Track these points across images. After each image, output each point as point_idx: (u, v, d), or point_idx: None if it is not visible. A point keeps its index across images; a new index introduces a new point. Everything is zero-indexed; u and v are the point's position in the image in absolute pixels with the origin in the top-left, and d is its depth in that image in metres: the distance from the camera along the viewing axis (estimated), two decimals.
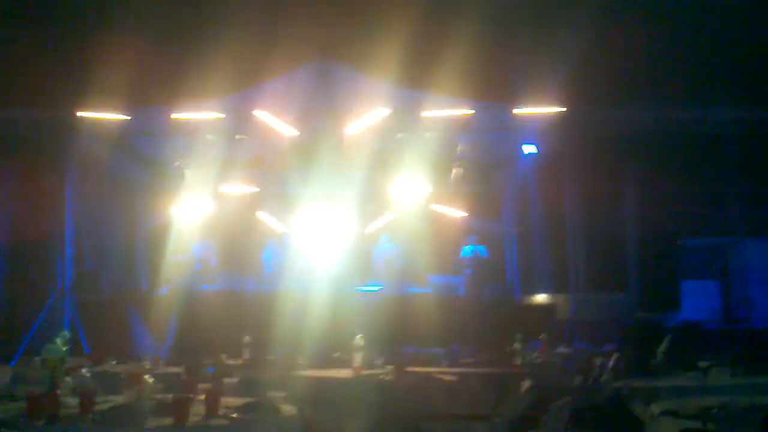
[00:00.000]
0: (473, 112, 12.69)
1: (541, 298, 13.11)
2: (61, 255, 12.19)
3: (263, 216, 14.90)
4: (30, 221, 11.79)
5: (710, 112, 12.39)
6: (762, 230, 13.20)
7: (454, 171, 14.08)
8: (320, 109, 13.27)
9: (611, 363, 8.42)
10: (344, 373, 8.09)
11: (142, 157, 13.99)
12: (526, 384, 7.70)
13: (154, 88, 12.04)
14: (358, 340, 8.07)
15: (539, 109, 12.54)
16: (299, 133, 13.39)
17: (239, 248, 14.32)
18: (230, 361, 8.94)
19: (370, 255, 14.24)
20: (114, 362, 8.39)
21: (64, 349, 5.30)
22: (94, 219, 12.81)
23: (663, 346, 8.95)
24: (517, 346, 8.76)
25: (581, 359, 8.98)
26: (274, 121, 13.22)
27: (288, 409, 5.67)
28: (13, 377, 7.59)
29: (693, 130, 12.49)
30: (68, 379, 5.60)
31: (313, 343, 9.33)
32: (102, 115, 12.34)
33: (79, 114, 12.17)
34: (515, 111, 12.62)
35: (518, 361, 8.63)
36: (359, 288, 13.00)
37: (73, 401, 5.37)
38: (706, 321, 12.19)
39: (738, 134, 12.44)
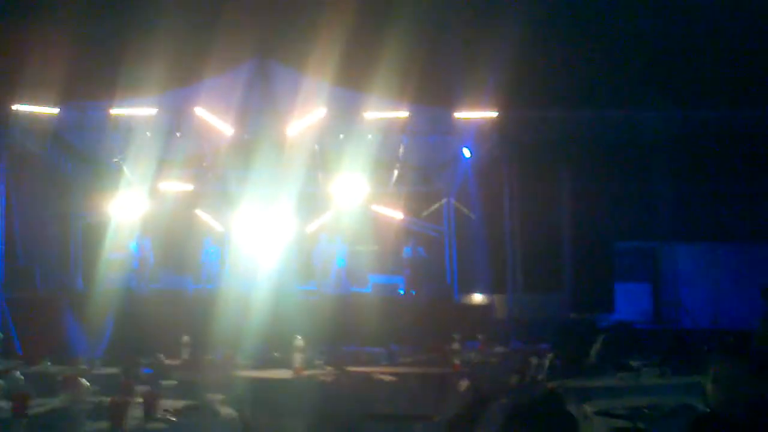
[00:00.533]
0: (412, 114, 12.84)
1: (479, 298, 13.32)
2: None
3: (202, 214, 14.76)
4: None
5: (642, 114, 12.74)
6: (692, 234, 13.62)
7: (394, 172, 14.20)
8: (259, 108, 13.26)
9: (546, 362, 8.58)
10: (284, 373, 8.08)
11: (79, 152, 13.73)
12: (464, 384, 7.81)
13: (92, 82, 11.85)
14: (298, 340, 8.06)
15: (476, 113, 12.76)
16: (238, 132, 13.33)
17: (177, 247, 14.15)
18: (168, 362, 8.84)
19: (310, 254, 14.25)
20: (48, 363, 8.20)
21: None
22: (27, 214, 12.49)
23: (596, 346, 9.16)
24: (455, 345, 8.88)
25: (517, 359, 9.14)
26: (213, 119, 13.13)
27: (227, 411, 5.63)
28: None
29: (626, 133, 12.83)
30: (0, 381, 5.45)
31: (253, 343, 9.29)
32: (37, 109, 12.10)
33: (13, 107, 11.91)
34: (455, 115, 12.81)
35: (457, 360, 8.74)
36: (299, 287, 13.00)
37: (5, 405, 5.23)
38: (637, 321, 12.55)
39: (671, 137, 12.80)
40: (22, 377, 5.86)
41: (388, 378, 8.10)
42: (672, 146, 12.86)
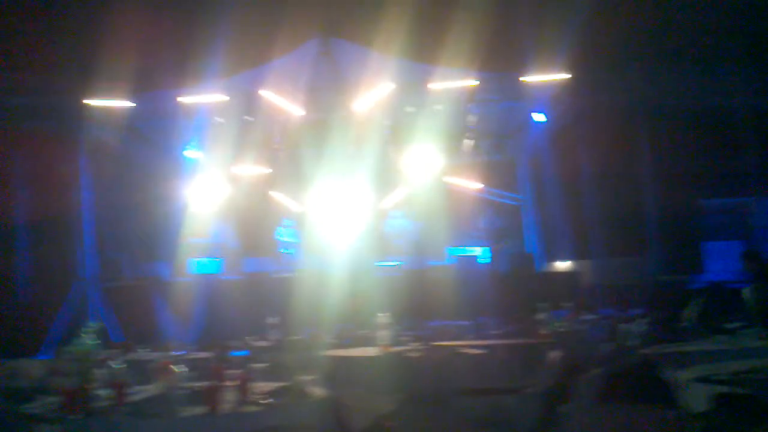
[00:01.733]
0: (480, 82, 12.61)
1: (562, 265, 13.06)
2: (80, 244, 12.23)
3: (277, 196, 14.86)
4: (48, 212, 11.81)
5: (722, 73, 12.21)
6: None
7: (465, 142, 14.01)
8: (326, 86, 13.22)
9: (638, 328, 8.35)
10: (371, 351, 8.07)
11: (153, 141, 13.97)
12: (554, 354, 7.65)
13: (161, 72, 12.03)
14: (383, 316, 8.03)
15: (548, 77, 12.43)
16: (307, 111, 13.35)
17: (256, 229, 14.29)
18: (257, 344, 8.96)
19: (386, 230, 14.21)
20: (142, 351, 8.40)
21: (92, 341, 5.26)
22: (110, 206, 12.80)
23: (689, 309, 8.88)
24: (542, 315, 8.71)
25: (607, 326, 8.93)
26: (281, 100, 13.18)
27: (318, 391, 5.64)
28: (44, 371, 7.63)
29: (708, 90, 12.32)
30: (98, 371, 5.57)
31: (338, 322, 9.33)
32: (109, 102, 12.37)
33: (86, 101, 12.19)
34: (523, 79, 12.52)
35: (545, 330, 8.58)
36: (378, 264, 12.98)
37: (105, 393, 5.35)
38: (730, 281, 12.08)
39: (757, 90, 12.25)
40: (120, 366, 5.99)
41: (475, 351, 8.00)
42: (758, 100, 12.30)
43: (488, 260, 13.40)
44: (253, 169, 14.09)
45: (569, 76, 12.28)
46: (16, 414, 5.43)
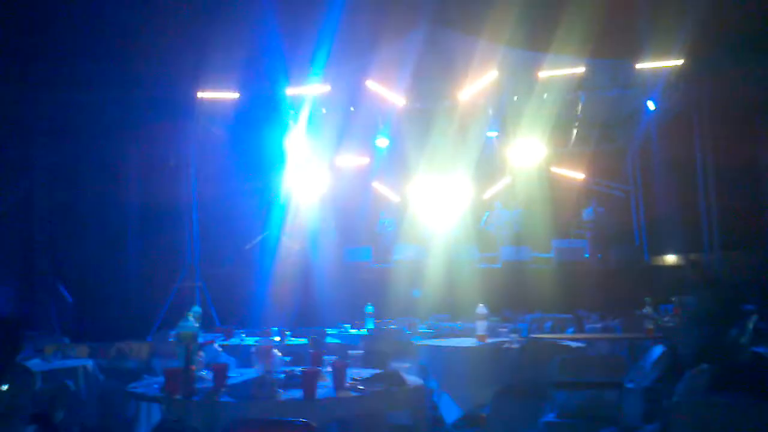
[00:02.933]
0: (589, 69, 12.26)
1: (671, 258, 12.58)
2: (189, 232, 12.66)
3: (379, 187, 14.94)
4: (158, 201, 12.27)
5: None
6: None
7: (573, 131, 13.68)
8: (430, 76, 13.15)
9: (750, 324, 7.96)
10: (468, 341, 8.00)
11: (258, 132, 14.28)
12: (659, 349, 7.38)
13: (264, 66, 12.27)
14: (481, 307, 7.94)
15: (660, 63, 11.96)
16: (410, 101, 13.33)
17: (356, 219, 14.42)
18: (352, 331, 9.05)
19: (488, 221, 14.05)
20: (243, 335, 8.62)
21: (197, 324, 5.42)
22: (217, 196, 13.17)
23: None
24: (647, 309, 8.43)
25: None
26: (385, 90, 13.21)
27: (413, 379, 5.62)
28: (150, 352, 7.95)
29: None
30: (202, 353, 5.74)
31: (436, 312, 9.31)
32: (219, 94, 12.75)
33: (197, 93, 12.60)
34: (636, 66, 12.09)
35: (650, 325, 8.29)
36: (478, 255, 12.86)
37: (207, 375, 5.51)
38: None
39: None
40: (221, 349, 6.16)
41: (576, 345, 7.81)
42: None
43: (593, 252, 13.05)
44: (356, 160, 14.21)
45: (684, 61, 11.78)
46: (123, 392, 5.68)
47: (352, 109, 13.40)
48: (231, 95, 12.85)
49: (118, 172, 12.42)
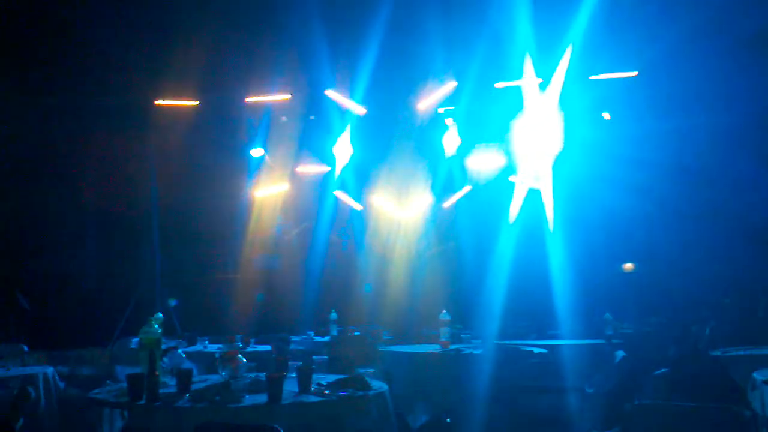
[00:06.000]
0: None
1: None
2: (149, 239, 12.54)
3: (341, 195, 14.92)
4: (117, 209, 12.13)
5: None
6: None
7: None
8: (391, 84, 13.19)
9: (707, 330, 8.16)
10: (432, 347, 8.06)
11: (219, 141, 14.20)
12: (619, 355, 7.52)
13: (228, 73, 12.24)
14: (445, 314, 8.00)
15: None
16: (369, 110, 13.37)
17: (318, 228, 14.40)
18: (318, 339, 9.06)
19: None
20: (206, 342, 8.57)
21: (159, 330, 5.39)
22: (177, 204, 13.06)
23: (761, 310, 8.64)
24: (607, 315, 8.59)
25: (676, 328, 8.75)
26: (344, 99, 13.25)
27: (378, 384, 5.65)
28: (112, 358, 7.87)
29: None
30: (165, 359, 5.69)
31: (400, 319, 9.36)
32: (177, 102, 12.66)
33: (157, 102, 12.49)
34: None
35: (610, 331, 8.45)
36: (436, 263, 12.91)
37: (170, 381, 5.47)
38: None
39: None
40: (184, 355, 6.12)
41: (538, 350, 7.92)
42: None
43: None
44: (316, 168, 14.19)
45: None
46: (84, 399, 5.60)
47: (311, 117, 13.40)
48: (190, 103, 12.76)
49: (76, 179, 12.25)
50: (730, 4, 9.95)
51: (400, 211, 13.59)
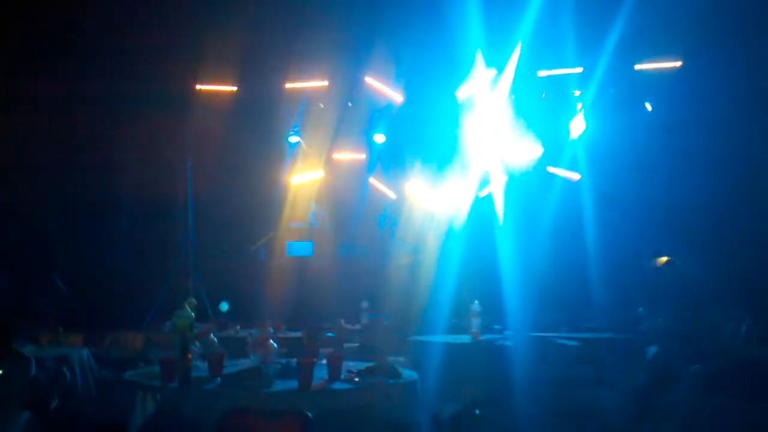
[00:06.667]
0: None
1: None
2: (184, 224, 12.65)
3: (375, 183, 14.92)
4: (154, 192, 12.25)
5: None
6: None
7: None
8: (430, 73, 13.13)
9: (743, 328, 8.02)
10: (462, 338, 8.04)
11: (257, 127, 14.27)
12: (652, 350, 7.44)
13: (266, 59, 12.28)
14: (476, 305, 7.98)
15: None
16: (407, 98, 13.32)
17: (352, 216, 14.42)
18: (348, 327, 9.09)
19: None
20: (238, 327, 8.64)
21: (193, 315, 5.44)
22: (213, 189, 13.15)
23: None
24: (641, 310, 8.49)
25: (706, 325, 8.61)
26: (383, 86, 13.22)
27: (408, 372, 5.66)
28: (145, 341, 7.98)
29: None
30: (197, 343, 5.76)
31: (430, 309, 9.33)
32: (216, 88, 12.73)
33: (195, 86, 12.58)
34: None
35: (642, 326, 8.35)
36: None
37: (202, 365, 5.53)
38: None
39: None
40: (216, 339, 6.18)
41: (570, 343, 7.87)
42: None
43: None
44: (352, 155, 14.20)
45: None
46: (118, 381, 5.70)
47: (349, 104, 13.40)
48: (229, 88, 12.83)
49: (114, 164, 12.40)
50: None
51: (434, 200, 13.56)
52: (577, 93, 12.48)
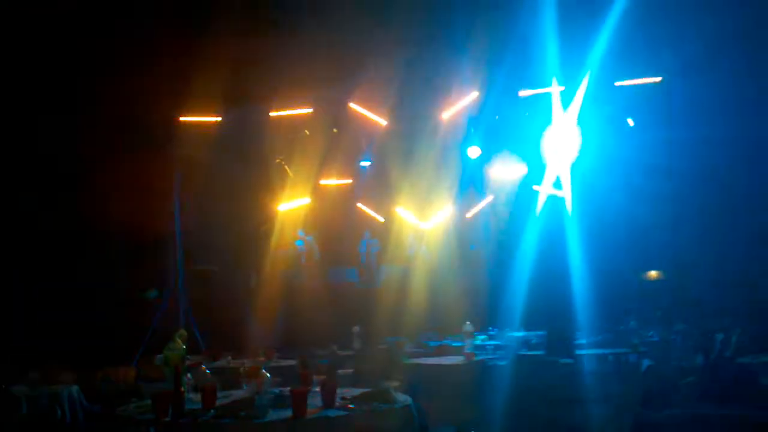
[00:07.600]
0: None
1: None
2: (172, 255, 12.60)
3: (363, 207, 14.95)
4: (142, 223, 12.19)
5: None
6: None
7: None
8: (414, 97, 13.20)
9: (733, 338, 8.05)
10: (456, 359, 8.02)
11: (243, 155, 14.27)
12: (645, 363, 7.46)
13: (250, 88, 12.30)
14: (468, 325, 7.97)
15: None
16: (392, 122, 13.39)
17: (340, 240, 14.43)
18: (341, 352, 9.05)
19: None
20: (229, 358, 8.59)
21: (184, 346, 5.40)
22: (201, 218, 13.12)
23: None
24: (632, 323, 8.51)
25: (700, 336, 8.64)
26: (367, 112, 13.29)
27: (403, 397, 5.63)
28: (136, 376, 7.91)
29: None
30: (189, 375, 5.71)
31: (422, 332, 9.33)
32: (201, 118, 12.75)
33: (181, 118, 12.59)
34: None
35: (634, 340, 8.37)
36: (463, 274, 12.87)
37: (195, 397, 5.48)
38: None
39: None
40: (208, 371, 6.14)
41: (563, 360, 7.87)
42: None
43: None
44: (338, 181, 14.24)
45: None
46: (109, 416, 5.64)
47: (335, 130, 13.44)
48: (213, 118, 12.85)
49: (99, 195, 12.34)
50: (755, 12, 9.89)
51: (422, 222, 13.60)
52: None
